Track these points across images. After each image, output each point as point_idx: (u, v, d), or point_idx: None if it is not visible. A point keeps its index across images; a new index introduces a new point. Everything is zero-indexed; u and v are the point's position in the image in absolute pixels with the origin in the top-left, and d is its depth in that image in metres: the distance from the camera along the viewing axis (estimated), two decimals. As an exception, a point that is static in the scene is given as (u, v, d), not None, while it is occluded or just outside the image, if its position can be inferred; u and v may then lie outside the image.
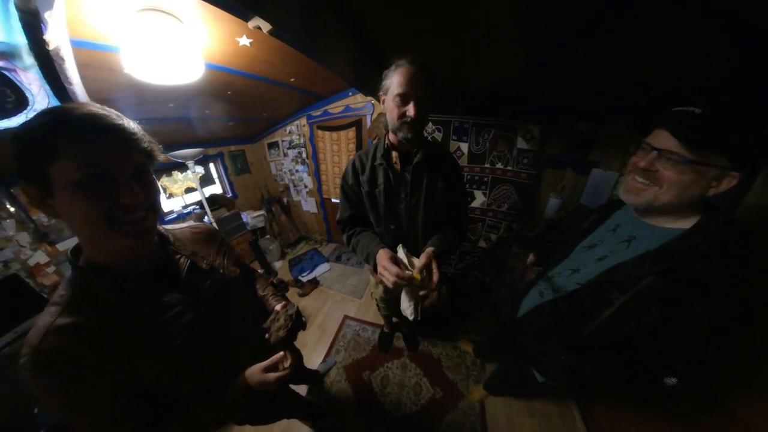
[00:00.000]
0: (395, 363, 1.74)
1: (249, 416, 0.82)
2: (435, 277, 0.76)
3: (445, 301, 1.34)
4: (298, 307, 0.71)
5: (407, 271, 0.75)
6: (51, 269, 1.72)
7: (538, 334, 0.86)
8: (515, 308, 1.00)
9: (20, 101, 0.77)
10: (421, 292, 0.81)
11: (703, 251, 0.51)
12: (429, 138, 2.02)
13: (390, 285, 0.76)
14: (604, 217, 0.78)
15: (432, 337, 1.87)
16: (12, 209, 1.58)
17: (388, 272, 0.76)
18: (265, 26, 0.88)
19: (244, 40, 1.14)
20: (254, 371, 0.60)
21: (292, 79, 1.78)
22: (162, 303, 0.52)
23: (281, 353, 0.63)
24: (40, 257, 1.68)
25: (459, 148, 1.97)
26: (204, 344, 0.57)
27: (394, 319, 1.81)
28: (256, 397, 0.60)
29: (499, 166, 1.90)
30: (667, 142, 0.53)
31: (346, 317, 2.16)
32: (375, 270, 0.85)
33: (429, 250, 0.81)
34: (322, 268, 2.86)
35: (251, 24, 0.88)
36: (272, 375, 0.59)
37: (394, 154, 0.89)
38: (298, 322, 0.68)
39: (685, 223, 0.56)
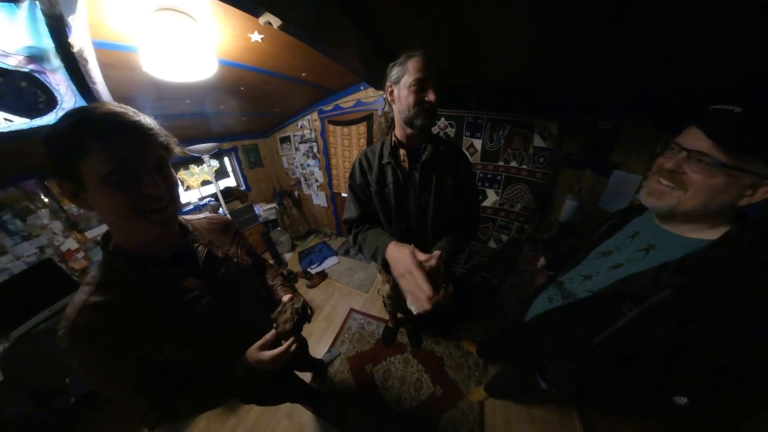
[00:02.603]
0: (398, 358, 1.77)
1: (255, 397, 0.86)
2: (438, 276, 0.73)
3: (451, 300, 1.33)
4: (304, 300, 0.73)
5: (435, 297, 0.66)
6: (80, 255, 1.87)
7: (545, 341, 0.84)
8: (522, 312, 0.98)
9: (50, 101, 0.83)
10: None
11: (729, 265, 0.47)
12: (441, 134, 1.99)
13: (428, 306, 0.59)
14: (622, 223, 0.74)
15: (436, 335, 1.87)
16: (46, 200, 1.71)
17: (416, 277, 0.61)
18: (276, 21, 0.89)
19: (256, 36, 1.15)
20: (251, 350, 0.62)
21: (303, 74, 1.78)
22: (182, 286, 0.56)
23: (273, 332, 0.64)
24: (70, 244, 1.83)
25: (472, 145, 1.92)
26: (218, 326, 0.61)
27: (399, 315, 1.83)
28: (257, 376, 0.63)
29: (513, 164, 1.84)
30: (699, 143, 0.49)
31: (352, 310, 2.21)
32: (385, 267, 0.77)
33: (437, 253, 0.77)
34: (330, 261, 2.91)
35: (262, 20, 0.89)
36: (267, 354, 0.60)
37: (402, 151, 0.86)
38: (303, 316, 0.70)
39: (712, 234, 0.52)
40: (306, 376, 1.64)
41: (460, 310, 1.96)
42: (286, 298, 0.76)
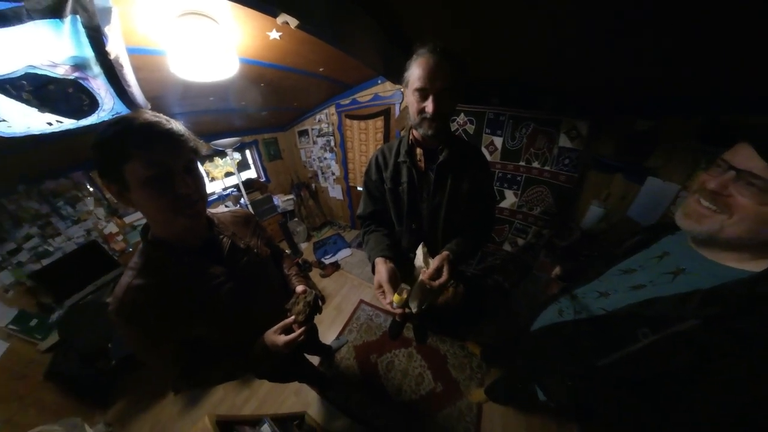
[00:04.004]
0: (402, 351, 1.80)
1: (268, 374, 0.95)
2: (443, 279, 0.75)
3: (461, 300, 1.31)
4: (316, 294, 0.77)
5: (392, 301, 0.73)
6: (120, 237, 2.11)
7: (549, 353, 0.82)
8: (530, 320, 0.95)
9: (93, 103, 0.92)
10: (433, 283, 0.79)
11: None
12: (459, 131, 1.92)
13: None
14: (650, 241, 0.68)
15: (441, 333, 1.88)
16: (91, 189, 1.93)
17: (381, 302, 0.75)
18: (293, 21, 0.91)
19: (274, 34, 1.17)
20: (268, 333, 0.69)
21: (321, 69, 1.79)
22: (208, 273, 0.62)
23: (291, 318, 0.71)
24: (111, 228, 2.06)
25: (492, 143, 1.85)
26: (239, 309, 0.67)
27: (407, 310, 1.85)
28: (272, 356, 0.69)
29: (535, 165, 1.74)
30: (751, 162, 0.43)
31: (361, 301, 2.27)
32: (373, 274, 0.84)
33: (444, 254, 0.78)
34: (343, 253, 2.99)
35: (279, 20, 0.91)
36: (281, 338, 0.67)
37: (419, 151, 0.85)
38: (315, 309, 0.75)
39: (755, 266, 0.46)
40: (314, 360, 1.73)
41: (471, 310, 1.93)
42: (299, 289, 0.80)
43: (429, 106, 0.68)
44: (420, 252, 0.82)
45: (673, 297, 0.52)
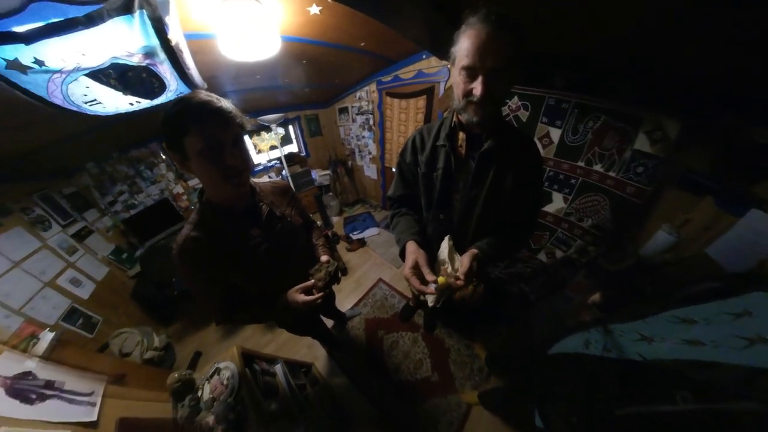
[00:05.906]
0: (408, 335, 1.86)
1: (288, 325, 1.09)
2: (471, 285, 0.70)
3: (479, 299, 1.25)
4: (337, 265, 0.83)
5: (431, 283, 0.68)
6: (185, 197, 2.56)
7: (561, 382, 0.77)
8: (550, 341, 0.88)
9: (161, 86, 1.05)
10: (455, 281, 0.73)
11: None
12: (510, 117, 1.66)
13: (416, 291, 0.70)
14: (730, 291, 0.53)
15: (451, 327, 1.87)
16: (164, 157, 2.34)
17: (411, 283, 0.70)
18: None
19: (314, 9, 1.16)
20: (291, 291, 0.77)
21: (362, 43, 1.72)
22: (249, 234, 0.73)
23: (312, 281, 0.78)
24: (179, 189, 2.51)
25: (548, 134, 1.53)
26: (273, 268, 0.78)
27: (422, 298, 1.87)
28: (291, 311, 0.77)
29: (597, 168, 1.42)
30: None
31: (380, 280, 2.38)
32: (401, 257, 0.81)
33: (473, 252, 0.72)
34: (371, 231, 3.09)
35: None
36: (301, 297, 0.75)
37: (461, 135, 0.75)
38: (334, 278, 0.81)
39: None
40: (329, 323, 1.91)
41: (487, 313, 1.86)
42: (324, 258, 0.87)
43: (477, 88, 0.56)
44: (445, 245, 0.77)
45: (739, 368, 0.42)
